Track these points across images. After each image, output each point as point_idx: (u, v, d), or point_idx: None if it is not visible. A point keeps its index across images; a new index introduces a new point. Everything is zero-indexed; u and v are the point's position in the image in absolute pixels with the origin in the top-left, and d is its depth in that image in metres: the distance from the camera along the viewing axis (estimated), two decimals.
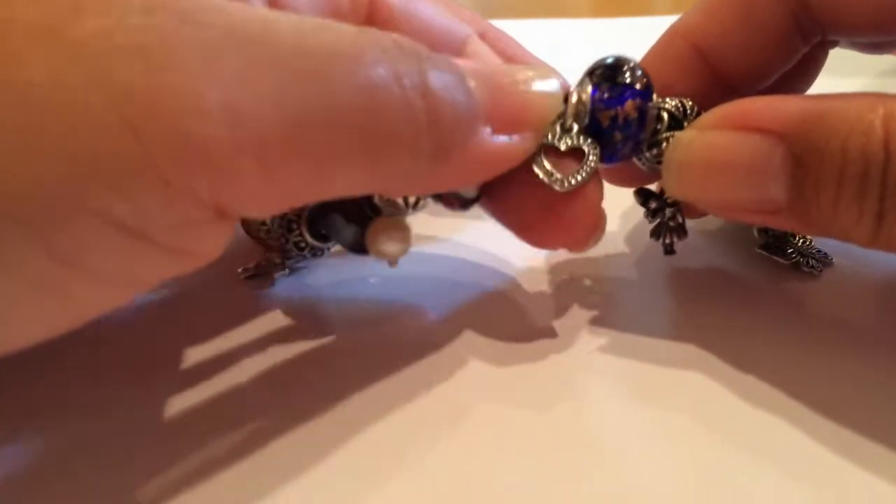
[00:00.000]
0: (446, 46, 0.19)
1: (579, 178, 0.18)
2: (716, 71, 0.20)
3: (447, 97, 0.14)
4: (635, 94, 0.18)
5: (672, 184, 0.18)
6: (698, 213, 0.22)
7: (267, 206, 0.13)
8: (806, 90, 0.22)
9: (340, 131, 0.13)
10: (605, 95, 0.18)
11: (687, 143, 0.18)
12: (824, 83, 0.24)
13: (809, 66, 0.22)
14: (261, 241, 0.22)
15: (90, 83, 0.10)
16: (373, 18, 0.18)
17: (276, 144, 0.12)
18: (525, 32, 0.50)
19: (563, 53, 0.47)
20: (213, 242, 0.13)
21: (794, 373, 0.18)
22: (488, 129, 0.16)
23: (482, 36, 0.23)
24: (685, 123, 0.19)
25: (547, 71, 0.17)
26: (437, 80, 0.14)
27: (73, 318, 0.12)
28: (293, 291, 0.22)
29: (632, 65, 0.18)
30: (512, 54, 0.23)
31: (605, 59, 0.18)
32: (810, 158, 0.15)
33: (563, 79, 0.19)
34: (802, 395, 0.17)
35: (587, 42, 0.46)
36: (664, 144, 0.18)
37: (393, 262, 0.19)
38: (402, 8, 0.19)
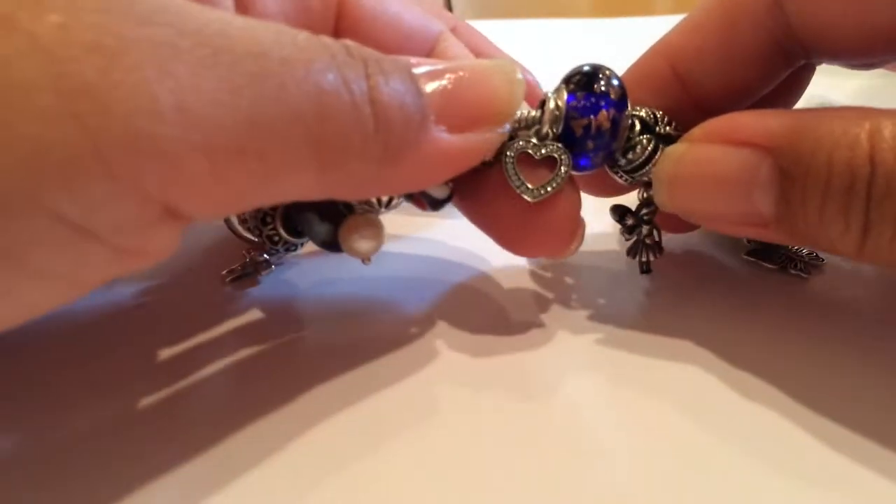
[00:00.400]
0: (418, 44, 0.19)
1: (550, 188, 0.18)
2: (691, 92, 0.20)
3: (395, 101, 0.14)
4: (609, 104, 0.18)
5: (662, 197, 0.18)
6: (684, 229, 0.22)
7: (216, 206, 0.13)
8: (791, 107, 0.22)
9: (291, 135, 0.13)
10: (580, 104, 0.18)
11: (677, 157, 0.18)
12: (820, 83, 0.24)
13: (794, 86, 0.22)
14: (244, 238, 0.22)
15: (42, 75, 0.10)
16: (342, 18, 0.18)
17: (227, 145, 0.12)
18: (525, 32, 0.50)
19: (563, 53, 0.47)
20: (161, 243, 0.13)
21: (778, 365, 0.18)
22: (442, 128, 0.15)
23: (452, 31, 0.22)
24: (657, 129, 0.19)
25: (507, 65, 0.17)
26: (385, 84, 0.14)
27: (10, 316, 0.12)
28: (271, 290, 0.22)
29: (608, 74, 0.18)
30: (482, 51, 0.23)
31: (582, 66, 0.18)
32: (796, 171, 0.15)
33: (531, 74, 0.19)
34: (787, 388, 0.17)
35: (587, 42, 0.46)
36: (636, 150, 0.19)
37: (366, 259, 0.19)
38: (372, 7, 0.18)
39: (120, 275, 0.13)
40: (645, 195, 0.20)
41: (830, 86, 0.36)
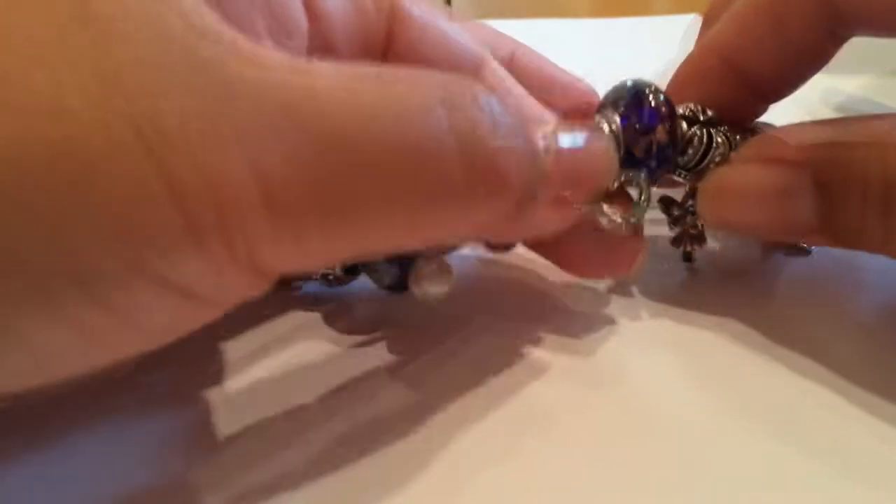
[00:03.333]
0: (462, 64, 0.19)
1: (641, 211, 0.18)
2: (748, 84, 0.20)
3: (525, 176, 0.14)
4: (663, 118, 0.18)
5: (707, 215, 0.19)
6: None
7: (308, 265, 0.14)
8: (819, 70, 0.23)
9: (382, 191, 0.13)
10: (637, 125, 0.18)
11: (719, 179, 0.19)
12: (821, 83, 0.25)
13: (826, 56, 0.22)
14: None
15: (147, 165, 0.10)
16: (394, 26, 0.18)
17: (315, 209, 0.12)
18: (525, 32, 0.50)
19: (563, 53, 0.47)
20: (252, 293, 0.13)
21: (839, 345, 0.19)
22: (547, 196, 0.16)
23: (511, 57, 0.22)
24: (701, 118, 0.19)
25: (607, 137, 0.18)
26: (498, 139, 0.14)
27: (110, 360, 0.12)
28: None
29: (653, 87, 0.18)
30: (546, 74, 0.23)
31: (624, 86, 0.18)
32: (833, 184, 0.16)
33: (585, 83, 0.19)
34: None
35: (587, 42, 0.46)
36: (694, 144, 0.19)
37: (435, 302, 0.19)
38: (423, 21, 0.18)
39: (211, 320, 0.13)
40: (689, 187, 0.20)
41: (831, 86, 0.36)
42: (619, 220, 0.18)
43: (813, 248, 0.21)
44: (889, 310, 0.20)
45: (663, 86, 0.28)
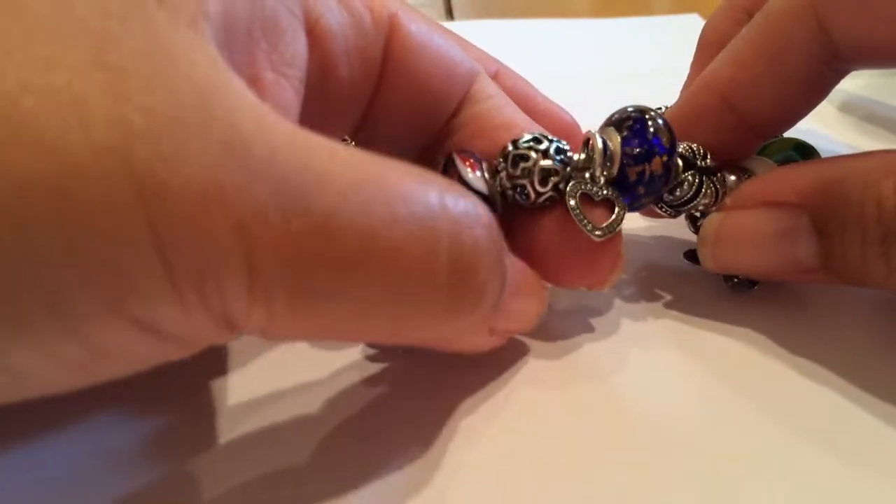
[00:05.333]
0: (457, 80, 0.20)
1: (614, 229, 0.18)
2: (746, 120, 0.20)
3: (498, 289, 0.15)
4: (662, 150, 0.18)
5: (708, 262, 0.20)
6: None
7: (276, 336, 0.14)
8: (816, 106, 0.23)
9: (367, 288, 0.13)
10: (635, 151, 0.18)
11: (716, 226, 0.19)
12: None
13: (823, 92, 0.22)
14: None
15: (136, 212, 0.11)
16: (392, 42, 0.18)
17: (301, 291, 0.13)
18: (525, 32, 0.50)
19: (563, 53, 0.47)
20: (222, 341, 0.14)
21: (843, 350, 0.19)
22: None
23: (495, 75, 0.23)
24: (698, 163, 0.20)
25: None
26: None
27: (84, 384, 0.13)
28: None
29: (656, 117, 0.18)
30: (524, 95, 0.23)
31: (628, 109, 0.18)
32: (832, 225, 0.17)
33: (569, 115, 0.19)
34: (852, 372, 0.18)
35: (587, 42, 0.46)
36: (683, 186, 0.19)
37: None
38: (420, 38, 0.18)
39: (181, 357, 0.13)
40: (693, 229, 0.21)
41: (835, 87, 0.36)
42: (594, 227, 0.18)
43: (757, 284, 0.21)
44: (892, 305, 0.20)
45: (663, 86, 0.28)
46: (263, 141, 0.12)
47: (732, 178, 0.20)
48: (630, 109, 0.18)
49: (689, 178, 0.19)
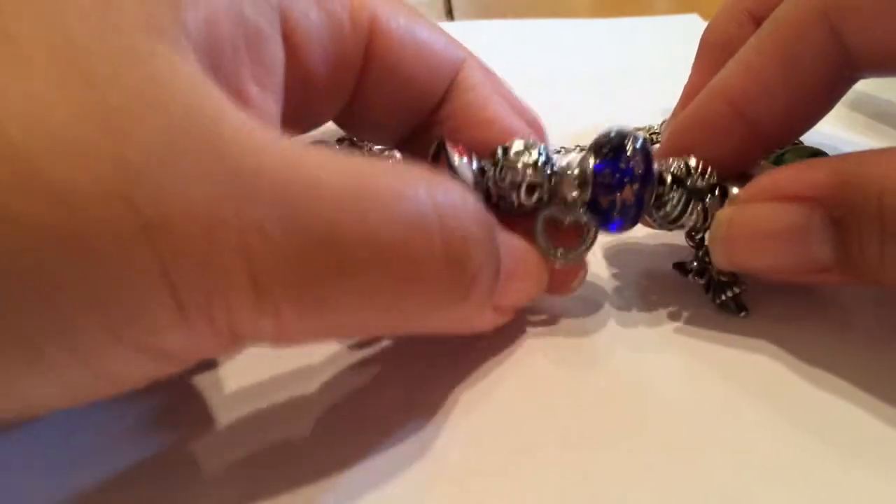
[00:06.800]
0: (444, 72, 0.20)
1: (576, 256, 0.18)
2: (755, 129, 0.20)
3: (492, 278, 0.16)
4: (634, 179, 0.18)
5: (719, 259, 0.19)
6: None
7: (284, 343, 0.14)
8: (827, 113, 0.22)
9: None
10: (605, 180, 0.18)
11: (727, 220, 0.18)
12: None
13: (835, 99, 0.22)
14: None
15: (137, 236, 0.11)
16: (373, 43, 0.18)
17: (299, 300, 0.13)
18: (525, 32, 0.50)
19: (563, 53, 0.47)
20: (224, 354, 0.14)
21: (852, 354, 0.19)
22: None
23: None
24: (688, 183, 0.19)
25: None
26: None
27: (89, 400, 0.13)
28: None
29: (636, 143, 0.18)
30: (497, 90, 0.23)
31: (609, 134, 0.18)
32: (849, 220, 0.16)
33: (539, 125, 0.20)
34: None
35: (587, 42, 0.46)
36: (667, 207, 0.19)
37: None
38: (401, 34, 0.19)
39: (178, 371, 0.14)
40: (692, 242, 0.21)
41: None
42: (556, 252, 0.18)
43: (746, 311, 0.20)
44: (891, 308, 0.20)
45: (663, 85, 0.28)
46: (256, 160, 0.12)
47: (735, 189, 0.19)
48: (612, 134, 0.18)
49: (674, 199, 0.19)
